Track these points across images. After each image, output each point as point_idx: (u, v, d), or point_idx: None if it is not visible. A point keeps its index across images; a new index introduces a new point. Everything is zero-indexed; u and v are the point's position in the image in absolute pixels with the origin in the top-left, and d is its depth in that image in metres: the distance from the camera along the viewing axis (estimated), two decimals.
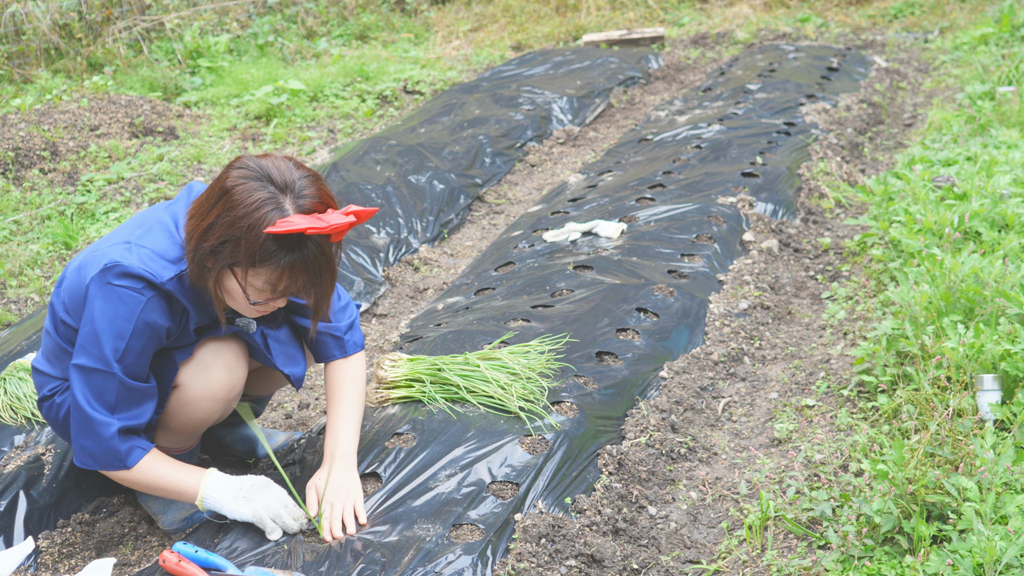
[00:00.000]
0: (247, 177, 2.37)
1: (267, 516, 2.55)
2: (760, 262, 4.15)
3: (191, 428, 2.73)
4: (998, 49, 7.27)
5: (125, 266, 2.42)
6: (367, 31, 9.66)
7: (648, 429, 3.06)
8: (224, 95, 7.52)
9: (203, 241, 2.39)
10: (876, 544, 2.42)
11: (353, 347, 2.82)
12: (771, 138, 5.37)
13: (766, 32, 8.77)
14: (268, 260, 2.36)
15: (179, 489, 2.58)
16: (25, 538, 2.86)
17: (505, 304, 3.74)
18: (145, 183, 5.83)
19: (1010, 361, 2.87)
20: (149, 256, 2.46)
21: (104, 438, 2.48)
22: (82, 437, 2.50)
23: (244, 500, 2.55)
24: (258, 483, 2.59)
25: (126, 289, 2.42)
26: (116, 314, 2.43)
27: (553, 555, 2.48)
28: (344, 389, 2.77)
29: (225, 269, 2.41)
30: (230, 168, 2.42)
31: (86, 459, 2.53)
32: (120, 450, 2.50)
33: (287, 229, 2.29)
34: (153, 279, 2.43)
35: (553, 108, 6.75)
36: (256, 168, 2.39)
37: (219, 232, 2.36)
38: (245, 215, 2.33)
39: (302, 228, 2.30)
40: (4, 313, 4.34)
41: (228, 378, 2.67)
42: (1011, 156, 4.58)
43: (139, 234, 2.51)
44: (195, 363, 2.63)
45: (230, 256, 2.37)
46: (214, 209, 2.37)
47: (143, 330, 2.45)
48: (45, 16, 8.10)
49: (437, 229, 5.09)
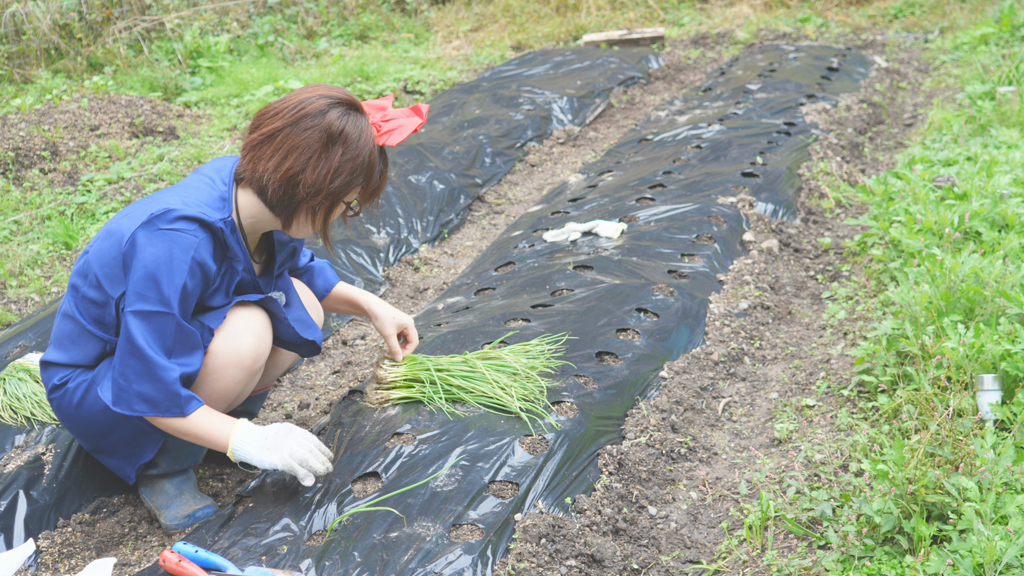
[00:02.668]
0: (346, 112, 2.59)
1: (295, 462, 2.61)
2: (760, 262, 4.15)
3: (213, 401, 2.78)
4: (998, 49, 7.27)
5: (177, 210, 2.54)
6: (367, 31, 9.66)
7: (648, 429, 3.06)
8: (224, 95, 7.52)
9: (334, 179, 2.58)
10: (876, 544, 2.42)
11: (332, 273, 3.15)
12: (771, 138, 5.37)
13: (766, 32, 8.77)
14: (374, 173, 2.65)
15: (214, 439, 2.64)
16: (26, 538, 2.86)
17: (505, 304, 3.74)
18: (145, 183, 5.83)
19: (1010, 361, 2.86)
20: (196, 203, 2.59)
21: (167, 383, 2.56)
22: (141, 383, 2.56)
23: (271, 450, 2.61)
24: (281, 430, 2.65)
25: (178, 231, 2.53)
26: (172, 255, 2.52)
27: (553, 555, 2.48)
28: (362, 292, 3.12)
29: (339, 201, 2.65)
30: (321, 113, 2.57)
31: (141, 405, 2.58)
32: (181, 395, 2.58)
33: (405, 134, 2.63)
34: (206, 218, 2.56)
35: (553, 108, 6.75)
36: (339, 98, 2.60)
37: (347, 169, 2.59)
38: (365, 145, 2.59)
39: (417, 126, 2.66)
40: (4, 313, 4.34)
41: (256, 345, 2.75)
42: (1011, 156, 4.58)
43: (175, 190, 2.66)
44: (225, 330, 2.71)
45: (348, 187, 2.62)
46: (333, 151, 2.57)
47: (196, 270, 2.56)
48: (45, 16, 8.10)
49: (437, 229, 5.09)
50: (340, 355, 3.97)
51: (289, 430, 2.66)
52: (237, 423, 2.65)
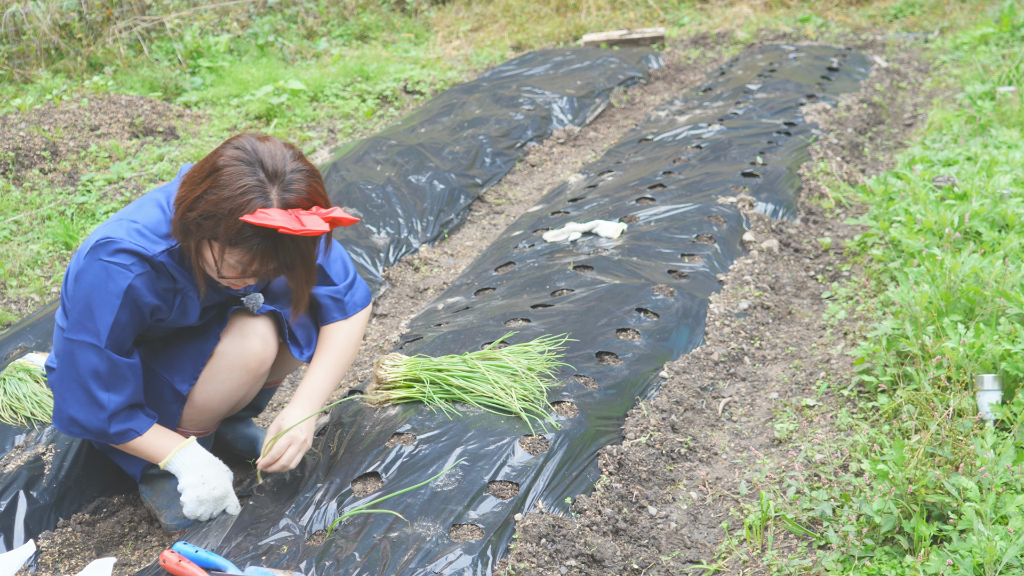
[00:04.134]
0: (240, 159, 2.41)
1: (196, 501, 2.68)
2: (760, 262, 4.15)
3: (216, 403, 2.79)
4: (998, 49, 7.27)
5: (116, 240, 2.50)
6: (367, 31, 9.66)
7: (648, 429, 3.06)
8: (224, 95, 7.52)
9: (189, 211, 2.43)
10: (876, 544, 2.42)
11: (353, 307, 2.88)
12: (771, 138, 5.37)
13: (766, 32, 8.77)
14: (243, 243, 2.41)
15: (151, 453, 2.69)
16: (26, 538, 2.86)
17: (505, 304, 3.74)
18: (145, 183, 5.83)
19: (1010, 361, 2.86)
20: (139, 231, 2.53)
21: (99, 417, 2.60)
22: (75, 409, 2.60)
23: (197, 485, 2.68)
24: (223, 477, 2.72)
25: (115, 266, 2.50)
26: (106, 289, 2.51)
27: (553, 555, 2.48)
28: (330, 342, 2.84)
29: (204, 241, 2.46)
30: (227, 145, 2.46)
31: (75, 428, 2.63)
32: (110, 432, 2.62)
33: (261, 222, 2.34)
34: (144, 252, 2.51)
35: (553, 108, 6.75)
36: (251, 151, 2.42)
37: (203, 207, 2.40)
38: (229, 197, 2.37)
39: (275, 225, 2.33)
40: (4, 313, 4.34)
41: (262, 348, 2.76)
42: (1011, 156, 4.57)
43: (130, 211, 2.59)
44: (232, 333, 2.73)
45: (210, 231, 2.42)
46: (203, 183, 2.42)
47: (129, 305, 2.53)
48: (45, 16, 8.10)
49: (437, 229, 5.09)
50: None
51: (226, 485, 2.72)
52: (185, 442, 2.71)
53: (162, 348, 2.79)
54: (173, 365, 2.77)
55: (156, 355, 2.78)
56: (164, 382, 2.77)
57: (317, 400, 2.77)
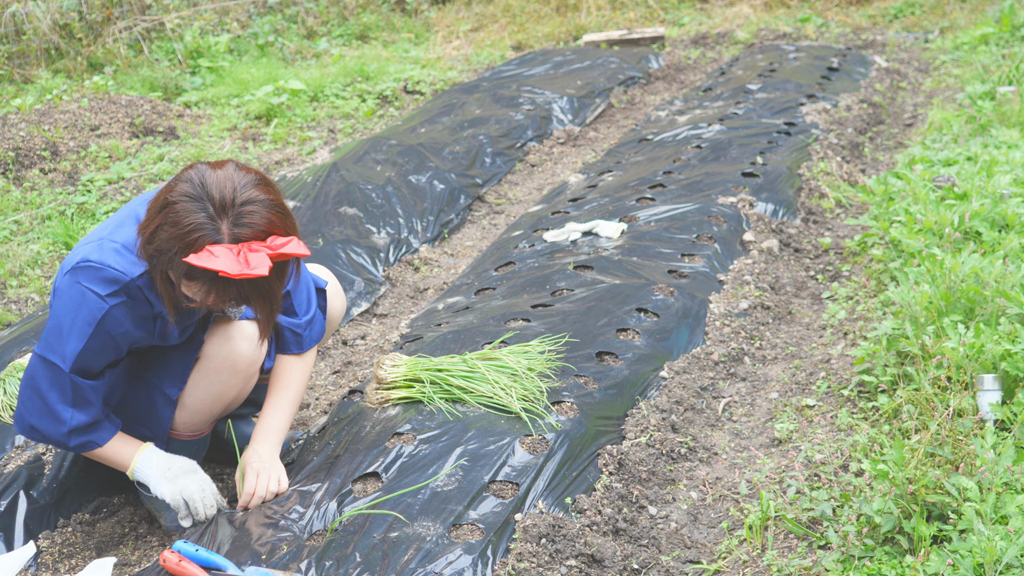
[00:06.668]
0: (188, 195, 2.36)
1: (182, 500, 2.67)
2: (760, 262, 4.15)
3: (207, 405, 2.79)
4: (998, 49, 7.27)
5: (95, 265, 2.48)
6: (367, 31, 9.66)
7: (648, 429, 3.06)
8: (224, 95, 7.52)
9: (147, 243, 2.43)
10: (876, 544, 2.42)
11: (309, 343, 2.92)
12: (771, 138, 5.37)
13: (766, 32, 8.77)
14: (197, 278, 2.38)
15: (115, 463, 2.71)
16: (26, 538, 2.86)
17: (505, 304, 3.74)
18: (145, 183, 5.83)
19: (1010, 361, 2.87)
20: (118, 250, 2.50)
21: (59, 431, 2.60)
22: (36, 418, 2.61)
23: (168, 481, 2.68)
24: (187, 466, 2.71)
25: (92, 293, 2.48)
26: (77, 315, 2.50)
27: (553, 555, 2.48)
28: (287, 381, 2.88)
29: (167, 271, 2.44)
30: (178, 179, 2.42)
31: (36, 435, 2.65)
32: (70, 445, 2.64)
33: (203, 264, 2.29)
34: (122, 277, 2.48)
35: (553, 108, 6.75)
36: (199, 185, 2.37)
37: (158, 242, 2.39)
38: (178, 236, 2.35)
39: (215, 269, 2.29)
40: (4, 313, 4.34)
41: (250, 349, 2.76)
42: (1011, 156, 4.57)
43: (111, 229, 2.56)
44: (219, 335, 2.72)
45: (166, 264, 2.41)
46: (156, 218, 2.40)
47: (101, 334, 2.51)
48: (45, 16, 8.10)
49: (437, 229, 5.09)
50: (340, 355, 3.97)
51: (193, 469, 2.72)
52: (143, 445, 2.71)
53: (150, 354, 2.77)
54: (162, 370, 2.76)
55: (145, 361, 2.77)
56: (154, 387, 2.76)
57: (277, 436, 2.81)
